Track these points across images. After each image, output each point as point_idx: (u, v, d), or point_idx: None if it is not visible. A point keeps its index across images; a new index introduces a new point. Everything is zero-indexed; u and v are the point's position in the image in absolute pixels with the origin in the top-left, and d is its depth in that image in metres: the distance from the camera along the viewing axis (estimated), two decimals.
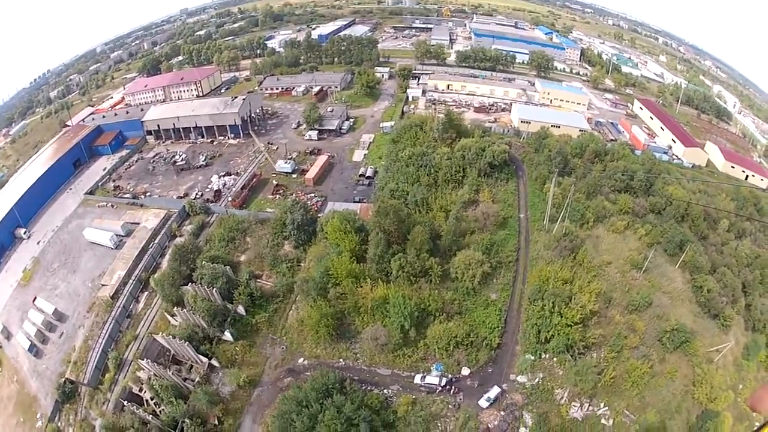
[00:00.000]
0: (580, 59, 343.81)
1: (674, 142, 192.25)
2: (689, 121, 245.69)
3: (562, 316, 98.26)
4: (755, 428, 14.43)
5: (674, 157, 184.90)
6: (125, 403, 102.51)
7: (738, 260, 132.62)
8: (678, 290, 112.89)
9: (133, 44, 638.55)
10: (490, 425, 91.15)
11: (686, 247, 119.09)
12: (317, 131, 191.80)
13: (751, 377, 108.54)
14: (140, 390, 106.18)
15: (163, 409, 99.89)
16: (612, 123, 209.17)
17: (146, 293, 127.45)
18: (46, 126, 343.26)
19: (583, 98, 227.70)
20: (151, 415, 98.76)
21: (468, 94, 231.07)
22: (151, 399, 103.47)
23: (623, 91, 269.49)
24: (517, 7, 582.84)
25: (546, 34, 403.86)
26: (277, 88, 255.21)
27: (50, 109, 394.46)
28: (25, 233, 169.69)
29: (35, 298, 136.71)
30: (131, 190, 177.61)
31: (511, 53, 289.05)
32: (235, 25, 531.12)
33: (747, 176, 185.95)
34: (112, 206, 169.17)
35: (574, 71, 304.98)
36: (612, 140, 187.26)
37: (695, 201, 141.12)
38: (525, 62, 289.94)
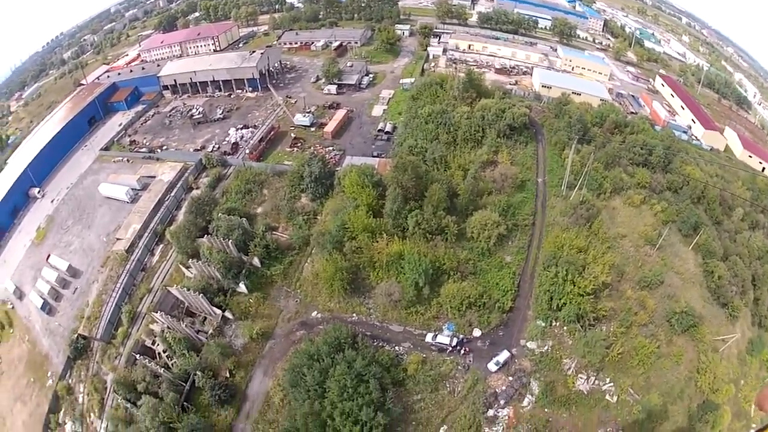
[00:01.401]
0: (602, 29, 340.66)
1: (694, 122, 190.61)
2: (710, 103, 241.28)
3: (574, 285, 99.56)
4: (756, 429, 14.53)
5: (693, 137, 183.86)
6: (137, 356, 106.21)
7: (750, 251, 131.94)
8: (690, 272, 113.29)
9: (148, 2, 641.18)
10: (497, 390, 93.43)
11: (700, 230, 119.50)
12: (336, 86, 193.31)
13: (752, 374, 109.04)
14: (153, 343, 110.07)
15: (175, 362, 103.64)
16: (633, 96, 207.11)
17: (161, 246, 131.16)
18: (60, 86, 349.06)
19: (605, 68, 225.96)
20: (162, 368, 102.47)
21: (489, 56, 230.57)
22: (164, 352, 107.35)
23: (645, 66, 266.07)
24: None
25: (569, 2, 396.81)
26: (295, 43, 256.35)
27: (64, 70, 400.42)
28: (39, 192, 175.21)
29: (49, 255, 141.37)
30: (147, 144, 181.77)
31: (534, 18, 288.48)
32: None
33: (764, 168, 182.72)
34: (128, 161, 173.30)
35: (596, 41, 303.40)
36: (632, 113, 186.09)
37: (712, 184, 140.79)
38: (547, 28, 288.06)
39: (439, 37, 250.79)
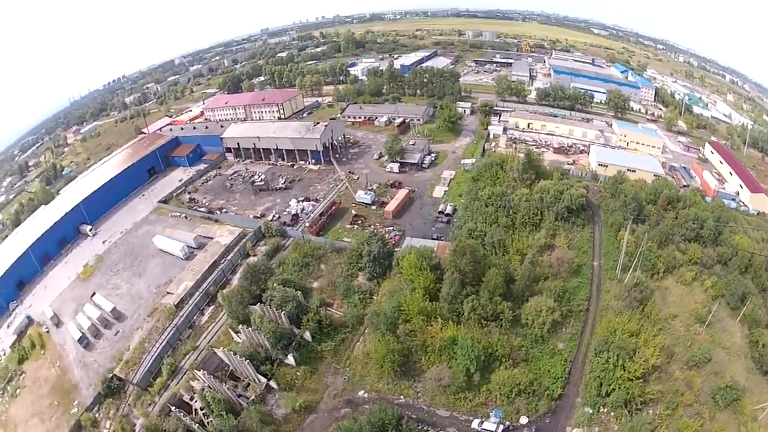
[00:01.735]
0: (654, 99, 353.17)
1: (741, 188, 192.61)
2: (755, 164, 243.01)
3: (624, 370, 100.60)
4: None
5: (741, 203, 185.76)
6: (172, 408, 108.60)
7: None
8: (736, 345, 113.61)
9: (213, 60, 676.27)
10: None
11: (747, 300, 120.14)
12: (399, 164, 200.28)
13: None
14: (191, 399, 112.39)
15: (211, 421, 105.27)
16: (684, 167, 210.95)
17: (212, 307, 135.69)
18: (120, 130, 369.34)
19: (658, 141, 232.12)
20: (197, 425, 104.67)
21: (548, 134, 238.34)
22: (201, 409, 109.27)
23: (695, 134, 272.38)
24: (593, 43, 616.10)
25: (621, 72, 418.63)
26: (359, 117, 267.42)
27: (125, 114, 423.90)
28: (90, 230, 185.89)
29: (94, 293, 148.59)
30: (207, 204, 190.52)
31: (589, 92, 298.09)
32: (317, 50, 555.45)
33: None
34: (186, 218, 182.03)
35: (648, 112, 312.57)
36: (684, 186, 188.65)
37: (759, 251, 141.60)
38: (602, 102, 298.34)
39: (500, 115, 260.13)
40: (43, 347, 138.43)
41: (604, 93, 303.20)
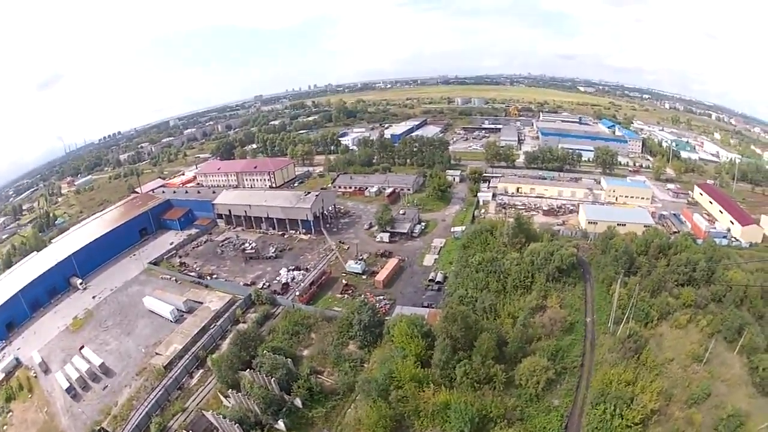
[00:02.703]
0: (641, 150, 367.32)
1: (732, 223, 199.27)
2: (745, 197, 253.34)
3: (622, 418, 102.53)
4: None
5: (733, 239, 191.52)
6: None
7: None
8: (735, 375, 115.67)
9: (207, 124, 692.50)
10: None
11: (744, 331, 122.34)
12: (389, 233, 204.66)
13: None
14: None
15: None
16: (674, 214, 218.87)
17: (201, 371, 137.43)
18: (114, 187, 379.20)
19: (647, 192, 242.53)
20: None
21: (537, 197, 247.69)
22: None
23: (683, 179, 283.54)
24: (580, 102, 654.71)
25: (609, 127, 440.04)
26: (350, 187, 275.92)
27: (119, 172, 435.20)
28: (81, 284, 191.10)
29: (83, 346, 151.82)
30: (197, 269, 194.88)
31: (577, 151, 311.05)
32: (309, 119, 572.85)
33: None
34: (176, 281, 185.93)
35: (636, 164, 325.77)
36: (675, 232, 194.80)
37: (753, 281, 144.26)
38: (590, 159, 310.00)
39: (489, 182, 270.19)
40: (30, 391, 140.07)
41: (592, 151, 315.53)
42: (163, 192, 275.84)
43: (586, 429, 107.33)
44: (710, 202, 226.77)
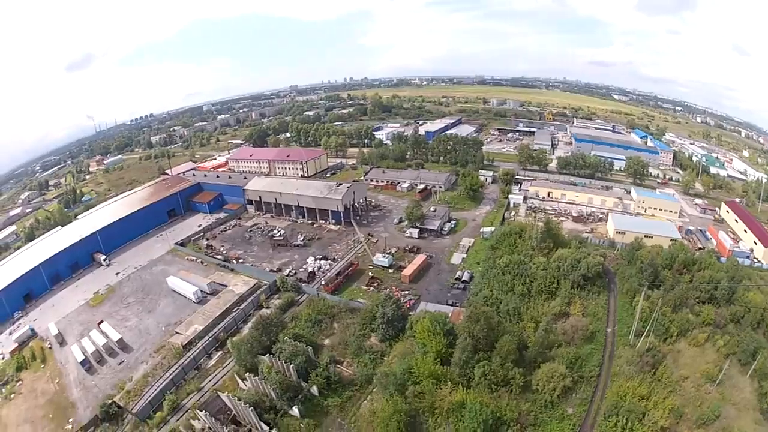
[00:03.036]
0: (672, 163, 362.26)
1: (756, 244, 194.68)
2: None
3: None
4: None
5: (755, 260, 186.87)
6: None
7: None
8: (745, 400, 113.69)
9: (240, 111, 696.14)
10: None
11: (758, 355, 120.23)
12: (418, 229, 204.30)
13: None
14: None
15: None
16: (701, 230, 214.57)
17: (220, 352, 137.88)
18: (144, 168, 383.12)
19: (675, 206, 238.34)
20: None
21: (567, 203, 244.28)
22: None
23: (711, 195, 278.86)
24: (614, 110, 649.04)
25: (641, 137, 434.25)
26: (382, 181, 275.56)
27: (150, 153, 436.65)
28: (105, 260, 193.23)
29: (102, 321, 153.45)
30: (224, 252, 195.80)
31: (609, 160, 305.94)
32: (344, 111, 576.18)
33: None
34: (202, 263, 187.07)
35: (666, 176, 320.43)
36: (700, 248, 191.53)
37: None
38: (622, 169, 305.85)
39: (520, 184, 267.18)
40: (43, 361, 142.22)
41: (624, 160, 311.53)
42: (194, 175, 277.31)
43: None
44: (736, 220, 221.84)
